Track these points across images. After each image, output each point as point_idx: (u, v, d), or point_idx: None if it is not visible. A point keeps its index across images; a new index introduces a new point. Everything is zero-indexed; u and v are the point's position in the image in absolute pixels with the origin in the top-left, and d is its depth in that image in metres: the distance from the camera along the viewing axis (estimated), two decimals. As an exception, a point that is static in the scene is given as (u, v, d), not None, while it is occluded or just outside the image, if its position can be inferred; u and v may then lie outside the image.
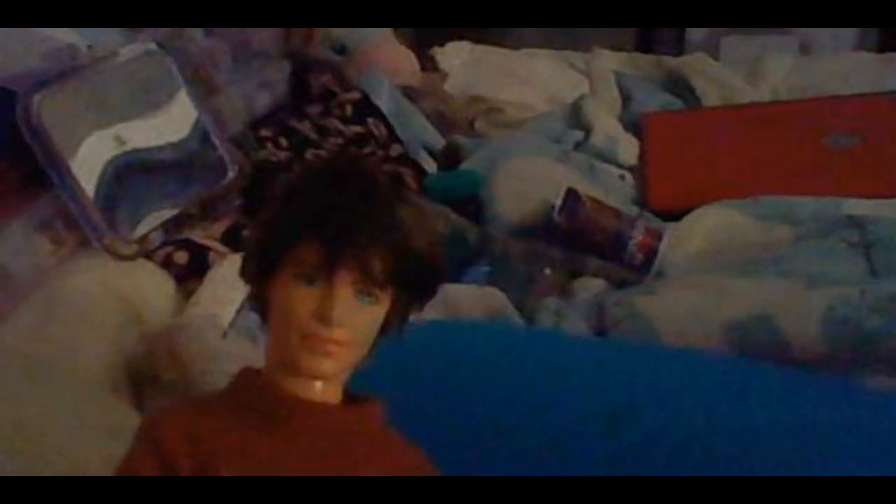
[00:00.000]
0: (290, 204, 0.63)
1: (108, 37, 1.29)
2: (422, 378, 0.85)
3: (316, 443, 0.63)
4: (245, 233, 1.26)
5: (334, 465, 0.63)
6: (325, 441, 0.63)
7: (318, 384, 0.64)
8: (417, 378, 0.85)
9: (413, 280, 0.63)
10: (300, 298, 0.61)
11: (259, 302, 0.65)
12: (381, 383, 0.85)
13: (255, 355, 1.03)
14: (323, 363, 0.62)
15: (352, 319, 0.61)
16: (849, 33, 2.23)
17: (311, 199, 0.62)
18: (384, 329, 0.66)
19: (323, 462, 0.63)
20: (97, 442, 0.85)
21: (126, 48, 1.31)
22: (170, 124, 1.34)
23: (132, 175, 1.25)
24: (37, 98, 1.15)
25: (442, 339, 0.94)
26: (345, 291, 0.61)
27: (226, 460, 0.60)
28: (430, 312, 1.14)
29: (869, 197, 1.36)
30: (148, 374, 1.00)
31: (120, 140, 1.25)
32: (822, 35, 2.17)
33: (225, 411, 0.64)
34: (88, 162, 1.19)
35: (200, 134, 1.38)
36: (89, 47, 1.25)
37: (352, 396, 0.67)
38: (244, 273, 0.65)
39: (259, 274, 0.64)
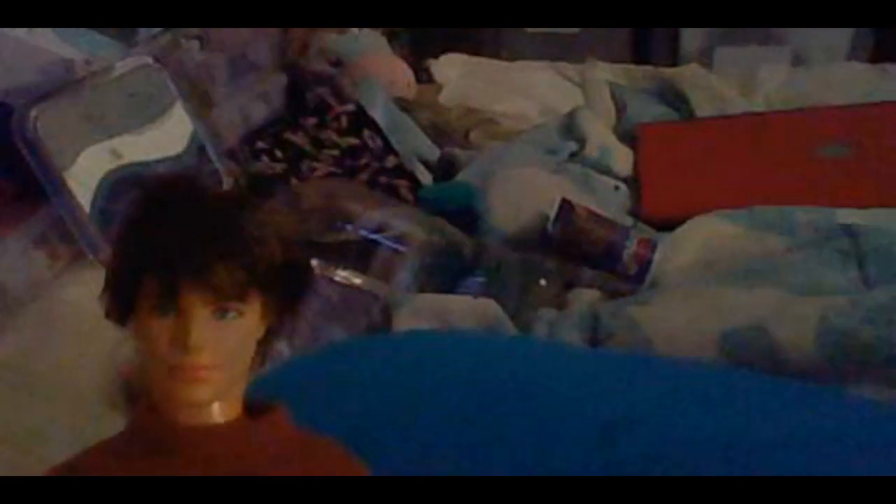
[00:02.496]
0: (124, 240, 0.62)
1: (104, 51, 1.30)
2: (415, 388, 0.85)
3: (215, 466, 0.62)
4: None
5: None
6: (224, 463, 0.62)
7: (214, 406, 0.63)
8: (411, 388, 0.85)
9: (274, 283, 0.62)
10: (157, 330, 0.61)
11: (135, 338, 0.63)
12: (373, 393, 0.86)
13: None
14: (195, 391, 0.61)
15: (213, 340, 0.60)
16: (841, 44, 2.23)
17: (142, 232, 0.61)
18: (270, 334, 0.65)
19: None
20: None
21: (122, 62, 1.32)
22: (165, 137, 1.35)
23: (128, 189, 1.26)
24: (33, 112, 1.15)
25: (434, 350, 0.94)
26: (198, 314, 0.60)
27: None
28: (424, 323, 1.16)
29: (860, 206, 1.37)
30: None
31: (116, 154, 1.25)
32: (814, 45, 2.18)
33: (127, 452, 0.64)
34: (85, 176, 1.19)
35: (196, 147, 1.39)
36: (86, 62, 1.26)
37: (254, 408, 0.66)
38: (107, 314, 0.64)
39: (119, 313, 0.63)
